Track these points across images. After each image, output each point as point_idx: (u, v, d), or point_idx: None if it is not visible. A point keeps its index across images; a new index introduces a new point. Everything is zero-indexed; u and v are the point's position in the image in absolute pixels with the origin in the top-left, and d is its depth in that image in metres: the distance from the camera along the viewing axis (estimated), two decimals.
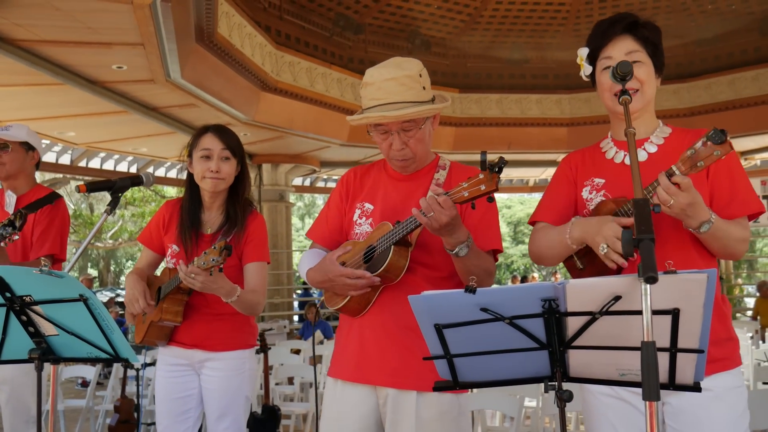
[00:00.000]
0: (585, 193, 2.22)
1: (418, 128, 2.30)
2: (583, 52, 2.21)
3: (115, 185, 2.54)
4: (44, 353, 2.07)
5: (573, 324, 1.57)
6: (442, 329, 1.60)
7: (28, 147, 3.50)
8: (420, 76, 2.30)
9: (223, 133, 2.97)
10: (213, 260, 2.56)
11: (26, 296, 1.99)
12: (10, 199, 3.45)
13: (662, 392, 2.02)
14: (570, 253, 2.15)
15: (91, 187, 2.51)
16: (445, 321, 1.60)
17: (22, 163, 3.46)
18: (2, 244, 2.94)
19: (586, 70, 2.21)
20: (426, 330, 1.64)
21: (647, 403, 1.37)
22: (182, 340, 2.95)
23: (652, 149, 2.16)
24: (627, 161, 2.17)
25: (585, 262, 2.16)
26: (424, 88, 2.30)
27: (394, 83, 2.25)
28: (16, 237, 2.92)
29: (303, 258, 2.54)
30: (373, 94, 2.28)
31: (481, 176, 1.98)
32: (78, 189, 2.51)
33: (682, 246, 2.06)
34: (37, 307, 2.01)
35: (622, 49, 2.13)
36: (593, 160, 2.27)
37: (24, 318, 2.03)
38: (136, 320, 3.06)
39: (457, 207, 2.04)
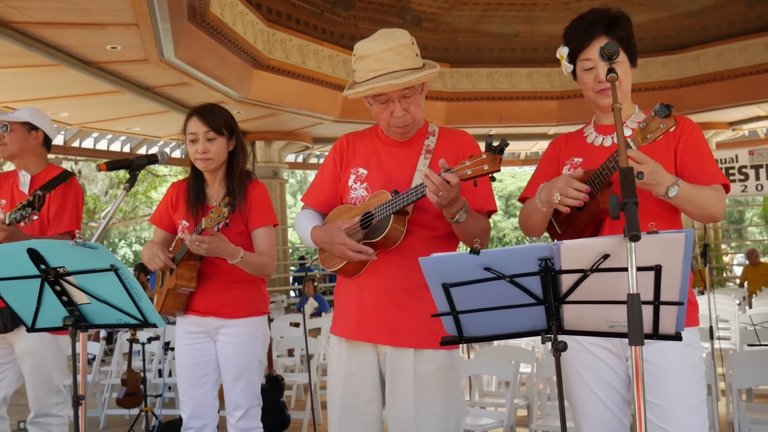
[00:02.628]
0: (564, 170, 2.42)
1: (417, 94, 2.44)
2: (564, 51, 2.38)
3: (133, 163, 2.67)
4: (77, 320, 2.23)
5: (567, 281, 1.73)
6: (449, 288, 1.77)
7: (30, 127, 3.57)
8: (412, 43, 2.44)
9: (206, 114, 3.10)
10: (219, 216, 2.77)
11: (60, 267, 2.13)
12: (25, 179, 3.56)
13: (623, 348, 2.25)
14: (545, 217, 2.34)
15: (111, 166, 2.65)
16: (452, 280, 1.76)
17: (24, 142, 3.54)
18: (22, 223, 3.09)
19: (566, 68, 2.40)
20: (434, 289, 1.80)
21: (633, 348, 1.55)
22: (198, 309, 3.12)
23: (627, 132, 2.35)
24: (605, 143, 2.38)
25: (562, 227, 2.38)
26: (417, 54, 2.44)
27: (392, 53, 2.37)
28: (36, 217, 3.07)
29: (301, 217, 2.66)
30: (371, 66, 2.38)
31: (485, 156, 2.13)
32: (98, 168, 2.64)
33: (664, 216, 2.26)
34: (70, 278, 2.16)
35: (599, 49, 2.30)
36: (575, 142, 2.48)
37: (58, 288, 2.18)
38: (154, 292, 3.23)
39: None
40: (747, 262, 13.54)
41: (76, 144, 14.40)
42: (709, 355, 5.14)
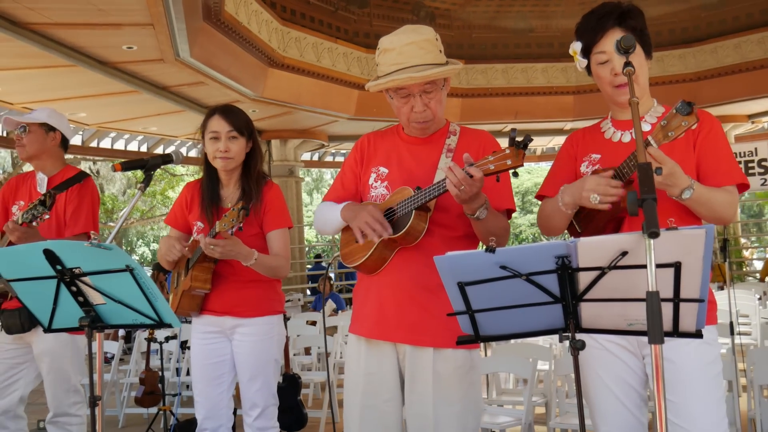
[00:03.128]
0: (583, 168, 2.39)
1: (438, 90, 2.43)
2: (577, 46, 2.34)
3: (148, 163, 2.68)
4: (93, 321, 2.23)
5: (584, 279, 1.71)
6: (464, 287, 1.75)
7: (48, 128, 3.57)
8: (436, 39, 2.43)
9: (229, 114, 3.13)
10: (233, 221, 2.78)
11: (76, 268, 2.14)
12: (42, 181, 3.57)
13: (639, 346, 2.21)
14: (568, 218, 2.31)
15: (126, 166, 2.65)
16: (468, 279, 1.74)
17: (42, 143, 3.54)
18: (34, 223, 3.10)
19: (581, 63, 2.35)
20: (450, 288, 1.79)
21: (653, 346, 1.52)
22: (213, 308, 3.13)
23: (646, 127, 2.32)
24: (623, 140, 2.33)
25: (582, 225, 2.33)
26: (440, 51, 2.43)
27: (415, 47, 2.36)
28: (47, 216, 3.08)
29: (323, 206, 2.65)
30: (394, 59, 2.38)
31: (508, 151, 2.11)
32: (113, 168, 2.65)
33: (681, 210, 2.22)
34: (85, 278, 2.16)
35: (614, 42, 2.26)
36: (593, 138, 2.43)
37: (74, 289, 2.19)
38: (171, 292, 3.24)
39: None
40: None
41: (93, 144, 14.51)
42: (730, 350, 5.08)
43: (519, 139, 2.09)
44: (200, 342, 3.15)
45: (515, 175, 2.19)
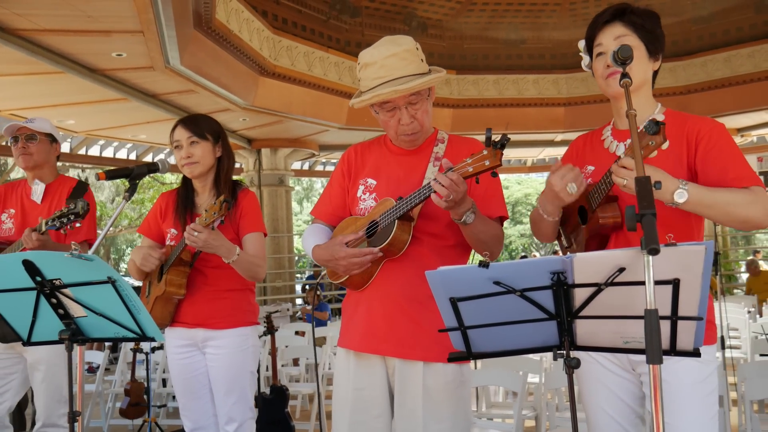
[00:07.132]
0: None
1: (423, 100, 2.39)
2: (581, 44, 2.31)
3: (133, 172, 2.65)
4: (74, 334, 2.16)
5: (580, 295, 1.66)
6: (457, 302, 1.70)
7: (52, 139, 3.67)
8: (417, 49, 2.39)
9: (189, 122, 3.15)
10: (214, 214, 2.76)
11: (56, 279, 2.08)
12: (38, 188, 3.58)
13: (633, 364, 2.15)
14: (554, 226, 2.26)
15: (110, 175, 2.61)
16: (460, 294, 1.70)
17: (47, 154, 3.62)
18: (62, 231, 3.06)
19: (585, 60, 2.31)
20: (441, 303, 1.74)
21: (651, 366, 1.47)
22: (185, 320, 3.08)
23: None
24: (618, 151, 2.24)
25: (570, 240, 2.29)
26: (422, 60, 2.38)
27: (396, 59, 2.32)
28: (78, 225, 3.05)
29: (307, 233, 2.62)
30: (376, 73, 2.33)
31: (485, 152, 2.08)
32: (97, 177, 2.61)
33: (680, 225, 2.14)
34: (66, 290, 2.10)
35: (611, 34, 2.21)
36: (592, 147, 2.36)
37: (54, 301, 2.12)
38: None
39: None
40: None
41: (82, 152, 14.39)
42: (720, 365, 5.05)
43: (496, 138, 2.05)
44: (175, 357, 3.11)
45: (494, 174, 2.15)
